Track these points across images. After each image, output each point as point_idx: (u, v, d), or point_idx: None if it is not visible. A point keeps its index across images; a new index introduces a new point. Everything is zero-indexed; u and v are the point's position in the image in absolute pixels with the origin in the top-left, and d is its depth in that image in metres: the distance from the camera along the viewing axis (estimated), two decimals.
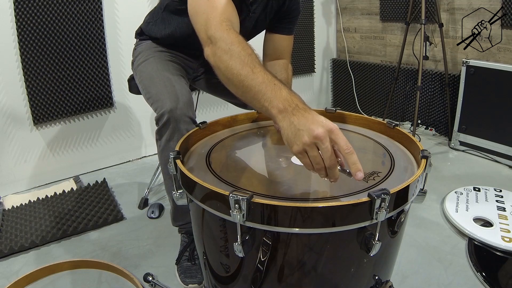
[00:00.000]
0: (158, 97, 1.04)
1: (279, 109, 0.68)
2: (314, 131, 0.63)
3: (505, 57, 2.11)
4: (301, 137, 0.64)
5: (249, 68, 0.73)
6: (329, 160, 0.64)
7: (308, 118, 0.65)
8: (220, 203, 0.64)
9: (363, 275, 0.73)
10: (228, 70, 0.76)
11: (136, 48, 1.33)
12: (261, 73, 0.72)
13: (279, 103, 0.68)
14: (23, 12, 1.67)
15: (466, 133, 2.20)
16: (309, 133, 0.63)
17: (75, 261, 1.29)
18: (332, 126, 0.64)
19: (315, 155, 0.65)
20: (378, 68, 2.75)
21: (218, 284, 0.81)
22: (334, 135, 0.64)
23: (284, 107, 0.68)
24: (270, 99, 0.70)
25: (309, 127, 0.64)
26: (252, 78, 0.72)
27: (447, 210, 1.55)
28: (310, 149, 0.65)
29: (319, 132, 0.63)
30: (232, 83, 0.77)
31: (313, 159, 0.65)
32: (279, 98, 0.69)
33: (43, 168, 1.94)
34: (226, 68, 0.76)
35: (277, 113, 0.69)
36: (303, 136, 0.64)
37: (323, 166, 0.65)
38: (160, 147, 1.05)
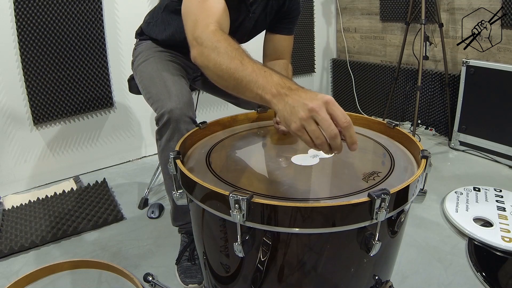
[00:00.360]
0: (158, 97, 1.04)
1: (273, 94, 0.68)
2: (308, 104, 0.62)
3: (505, 57, 2.11)
4: (297, 114, 0.64)
5: (237, 61, 0.74)
6: (329, 130, 0.62)
7: (301, 95, 0.65)
8: (220, 203, 0.64)
9: (363, 275, 0.73)
10: (217, 66, 0.76)
11: (136, 48, 1.33)
12: (250, 64, 0.73)
13: (272, 88, 0.68)
14: (23, 12, 1.67)
15: (466, 133, 2.20)
16: (304, 107, 0.63)
17: (75, 261, 1.29)
18: (328, 98, 0.63)
19: (314, 129, 0.64)
20: (378, 68, 2.75)
21: (218, 284, 0.81)
22: (331, 106, 0.63)
23: (277, 91, 0.68)
24: (262, 86, 0.70)
25: (304, 102, 0.63)
26: (242, 69, 0.72)
27: (447, 210, 1.55)
28: (307, 124, 0.64)
29: (314, 105, 0.62)
30: (222, 79, 0.77)
31: (312, 133, 0.64)
32: (271, 84, 0.69)
33: (43, 168, 1.94)
34: (215, 65, 0.77)
35: (271, 98, 0.68)
36: (299, 112, 0.63)
37: (324, 140, 0.64)
38: (160, 147, 1.05)
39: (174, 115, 0.98)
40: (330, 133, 0.63)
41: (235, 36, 1.19)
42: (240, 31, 1.18)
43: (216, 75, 0.78)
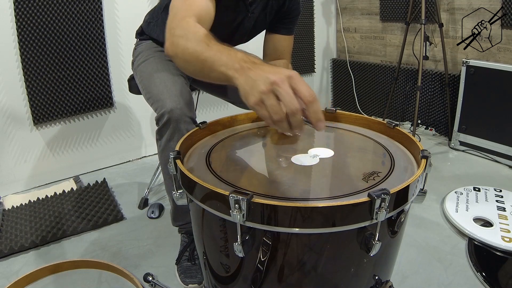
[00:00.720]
0: (158, 97, 1.04)
1: (235, 69, 0.66)
2: (271, 78, 0.60)
3: (505, 57, 2.11)
4: (257, 87, 0.61)
5: (204, 43, 0.73)
6: (290, 104, 0.59)
7: (265, 69, 0.62)
8: (220, 203, 0.64)
9: (363, 275, 0.73)
10: (185, 51, 0.75)
11: (136, 48, 1.33)
12: (216, 45, 0.72)
13: (234, 63, 0.66)
14: (23, 12, 1.67)
15: (466, 133, 2.20)
16: (266, 80, 0.60)
17: (75, 261, 1.29)
18: (292, 72, 0.61)
19: (273, 103, 0.60)
20: (378, 68, 2.75)
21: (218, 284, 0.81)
22: (294, 80, 0.60)
23: (240, 66, 0.65)
24: (226, 63, 0.68)
25: (266, 76, 0.60)
26: (208, 50, 0.71)
27: (447, 210, 1.55)
28: (267, 98, 0.60)
29: (276, 78, 0.59)
30: (189, 63, 0.76)
31: (271, 108, 0.61)
32: (234, 59, 0.67)
33: (43, 168, 1.94)
34: (183, 51, 0.76)
35: (233, 73, 0.66)
36: (259, 85, 0.61)
37: (283, 116, 0.61)
38: (160, 147, 1.05)
39: (174, 115, 0.99)
40: (290, 107, 0.59)
41: (235, 36, 1.20)
42: (240, 31, 1.18)
43: (183, 60, 0.77)
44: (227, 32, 1.17)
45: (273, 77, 0.60)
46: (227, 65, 0.67)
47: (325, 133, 1.05)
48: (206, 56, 0.71)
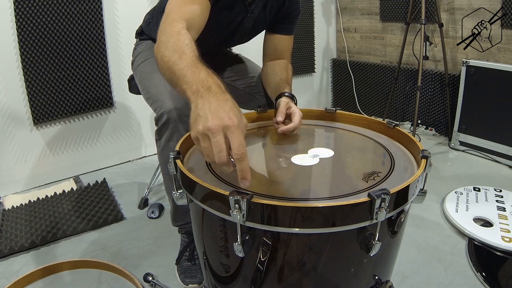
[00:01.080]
0: (157, 97, 1.04)
1: (192, 91, 0.66)
2: (208, 121, 0.60)
3: (505, 57, 2.11)
4: (197, 124, 0.62)
5: (177, 54, 0.74)
6: (217, 156, 0.60)
7: (212, 104, 0.62)
8: (220, 203, 0.64)
9: (363, 275, 0.73)
10: (163, 59, 0.77)
11: (136, 48, 1.33)
12: (187, 59, 0.73)
13: (193, 84, 0.67)
14: (23, 12, 1.67)
15: (466, 133, 2.20)
16: (204, 122, 0.60)
17: (75, 261, 1.29)
18: (230, 122, 0.60)
19: (205, 146, 0.62)
20: (378, 68, 2.75)
21: (218, 284, 0.81)
22: (230, 132, 0.60)
23: (197, 89, 0.66)
24: (188, 81, 0.69)
25: (207, 116, 0.61)
26: (178, 63, 0.72)
27: (447, 210, 1.55)
28: (201, 139, 0.61)
29: (212, 125, 0.59)
30: (164, 72, 0.77)
31: (203, 149, 0.62)
32: (196, 80, 0.68)
33: (43, 168, 1.94)
34: (161, 58, 0.77)
35: (190, 94, 0.67)
36: (199, 123, 0.61)
37: (213, 160, 0.62)
38: (160, 147, 1.05)
39: (173, 115, 0.98)
40: (217, 160, 0.61)
41: (234, 36, 1.20)
42: (239, 31, 1.18)
43: (161, 67, 0.78)
44: (226, 32, 1.17)
45: (210, 122, 0.60)
46: (188, 84, 0.68)
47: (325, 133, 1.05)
48: (175, 69, 0.73)
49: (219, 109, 0.61)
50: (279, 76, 1.17)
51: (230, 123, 0.60)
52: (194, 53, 0.75)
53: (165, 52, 0.77)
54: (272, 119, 1.04)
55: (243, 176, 0.62)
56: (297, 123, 0.97)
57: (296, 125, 0.97)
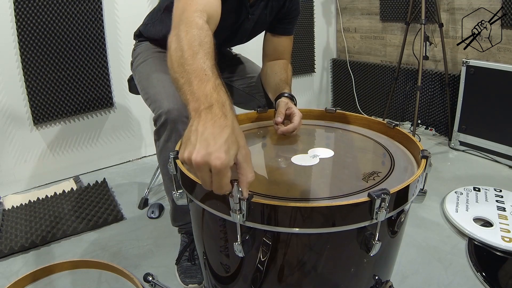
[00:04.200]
0: (156, 98, 1.04)
1: (193, 107, 0.60)
2: (194, 153, 0.54)
3: (505, 57, 2.11)
4: (185, 148, 0.56)
5: (191, 51, 0.67)
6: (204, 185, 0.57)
7: (206, 130, 0.55)
8: (220, 203, 0.64)
9: (363, 275, 0.73)
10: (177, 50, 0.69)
11: (135, 49, 1.33)
12: (200, 61, 0.66)
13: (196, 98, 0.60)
14: (23, 12, 1.67)
15: (466, 133, 2.20)
16: (190, 151, 0.54)
17: (75, 261, 1.29)
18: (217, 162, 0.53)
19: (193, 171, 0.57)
20: (378, 68, 2.75)
21: (218, 284, 0.81)
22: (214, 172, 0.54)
23: (198, 106, 0.59)
24: (192, 91, 0.62)
25: (195, 144, 0.54)
26: (190, 64, 0.66)
27: (447, 210, 1.55)
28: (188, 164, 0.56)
29: (197, 158, 0.53)
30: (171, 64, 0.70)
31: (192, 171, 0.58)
32: (200, 93, 0.61)
33: (43, 168, 1.94)
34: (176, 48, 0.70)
35: (191, 109, 0.60)
36: (186, 149, 0.55)
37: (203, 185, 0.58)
38: (159, 148, 1.05)
39: (171, 115, 0.98)
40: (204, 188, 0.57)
41: (235, 37, 1.20)
42: (240, 33, 1.18)
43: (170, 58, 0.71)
44: (227, 33, 1.17)
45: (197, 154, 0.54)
46: (192, 95, 0.62)
47: (325, 133, 1.05)
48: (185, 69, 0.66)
49: (211, 140, 0.54)
50: (278, 77, 1.17)
51: (217, 163, 0.53)
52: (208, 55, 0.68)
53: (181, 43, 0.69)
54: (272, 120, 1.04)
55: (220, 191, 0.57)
56: (297, 124, 0.97)
57: (295, 126, 0.97)
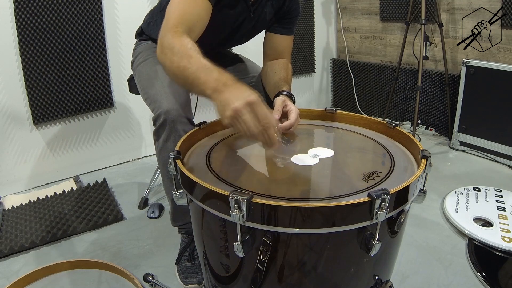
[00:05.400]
0: (155, 98, 1.04)
1: (212, 89, 0.75)
2: (232, 104, 0.70)
3: (505, 57, 2.11)
4: (226, 112, 0.72)
5: (186, 59, 0.80)
6: (248, 132, 0.71)
7: (232, 92, 0.73)
8: (220, 203, 0.64)
9: (363, 275, 0.73)
10: (172, 65, 0.83)
11: (136, 48, 1.33)
12: (196, 62, 0.79)
13: (211, 83, 0.75)
14: (23, 12, 1.67)
15: (466, 133, 2.20)
16: (229, 108, 0.71)
17: (75, 261, 1.29)
18: (252, 98, 0.70)
19: (239, 126, 0.72)
20: (378, 68, 2.75)
21: (218, 284, 0.81)
22: (254, 106, 0.71)
23: (216, 86, 0.75)
24: (204, 82, 0.76)
25: (230, 101, 0.71)
26: (189, 68, 0.79)
27: (447, 210, 1.55)
28: (233, 122, 0.72)
29: (237, 106, 0.70)
30: (176, 77, 0.84)
31: (239, 129, 0.73)
32: (211, 79, 0.76)
33: (43, 168, 1.94)
34: (171, 64, 0.83)
35: (211, 93, 0.75)
36: (226, 111, 0.72)
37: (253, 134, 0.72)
38: (158, 148, 1.05)
39: (170, 115, 0.98)
40: (255, 131, 0.72)
41: (235, 36, 1.20)
42: (240, 31, 1.18)
43: (171, 72, 0.85)
44: (228, 31, 1.17)
45: (234, 104, 0.70)
46: (205, 85, 0.76)
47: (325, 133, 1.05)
48: (187, 73, 0.79)
49: (238, 93, 0.72)
50: (278, 75, 1.17)
51: (252, 99, 0.70)
52: (200, 55, 0.81)
53: (172, 58, 0.82)
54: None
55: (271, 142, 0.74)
56: (293, 120, 0.97)
57: (292, 122, 0.97)
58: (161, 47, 0.86)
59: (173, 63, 0.82)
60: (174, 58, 0.82)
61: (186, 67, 0.79)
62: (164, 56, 0.85)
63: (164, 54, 0.85)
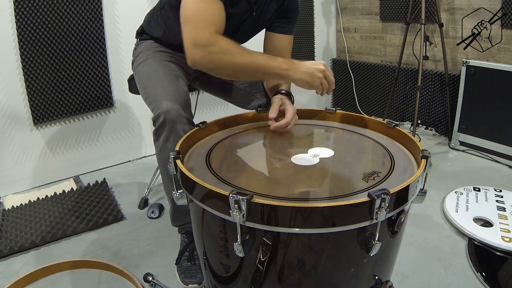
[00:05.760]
0: (155, 98, 1.04)
1: (287, 68, 0.96)
2: (319, 66, 0.97)
3: (505, 57, 2.11)
4: (316, 74, 0.96)
5: (249, 56, 0.94)
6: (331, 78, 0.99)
7: (306, 65, 0.97)
8: (220, 203, 0.64)
9: (363, 275, 0.73)
10: (235, 64, 0.93)
11: (136, 48, 1.33)
12: (258, 56, 0.95)
13: (283, 65, 0.96)
14: (23, 12, 1.67)
15: (466, 133, 2.20)
16: (318, 69, 0.97)
17: (75, 261, 1.29)
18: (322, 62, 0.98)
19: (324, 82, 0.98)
20: (378, 68, 2.75)
21: (218, 284, 0.81)
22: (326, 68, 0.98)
23: (289, 66, 0.96)
24: (277, 66, 0.95)
25: (314, 67, 0.96)
26: (257, 61, 0.94)
27: (447, 210, 1.55)
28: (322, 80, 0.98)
29: (321, 66, 0.97)
30: (242, 73, 0.97)
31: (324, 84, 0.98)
32: (280, 63, 0.96)
33: (43, 168, 1.94)
34: (233, 64, 0.94)
35: (287, 72, 0.96)
36: (316, 73, 0.96)
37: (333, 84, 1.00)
38: (158, 148, 1.05)
39: (170, 115, 0.98)
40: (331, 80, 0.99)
41: (236, 34, 1.20)
42: (241, 30, 1.18)
43: (234, 71, 0.95)
44: (229, 30, 1.17)
45: (319, 66, 0.97)
46: (279, 68, 0.95)
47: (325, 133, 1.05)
48: (258, 65, 0.94)
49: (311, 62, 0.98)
50: None
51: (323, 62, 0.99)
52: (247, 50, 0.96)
53: (233, 59, 0.93)
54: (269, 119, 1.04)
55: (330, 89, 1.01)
56: (289, 119, 0.98)
57: (288, 121, 0.98)
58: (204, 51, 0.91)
59: (235, 63, 0.93)
60: (234, 59, 0.92)
61: (254, 62, 0.93)
62: (220, 60, 0.93)
63: (219, 58, 0.92)
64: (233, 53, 0.93)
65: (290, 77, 0.96)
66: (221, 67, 0.94)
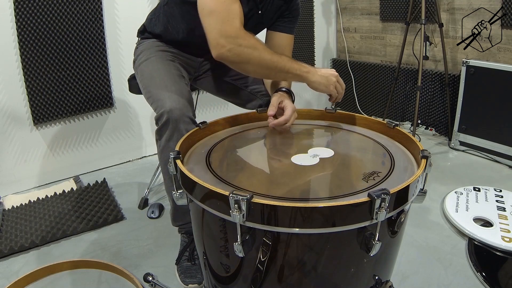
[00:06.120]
0: (158, 97, 1.04)
1: (307, 71, 1.02)
2: (334, 74, 1.04)
3: (505, 57, 2.11)
4: (331, 79, 1.03)
5: (275, 55, 0.98)
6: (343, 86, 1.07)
7: (321, 70, 1.04)
8: (220, 203, 0.64)
9: (363, 275, 0.73)
10: (262, 60, 0.97)
11: (138, 47, 1.32)
12: (282, 56, 1.01)
13: (305, 68, 1.02)
14: (23, 12, 1.67)
15: (466, 133, 2.20)
16: (333, 74, 1.04)
17: (75, 261, 1.29)
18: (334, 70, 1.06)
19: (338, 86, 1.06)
20: (378, 68, 2.75)
21: (218, 284, 0.81)
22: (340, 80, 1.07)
23: (309, 69, 1.02)
24: (298, 68, 1.01)
25: (330, 73, 1.04)
26: (281, 61, 0.99)
27: (447, 210, 1.55)
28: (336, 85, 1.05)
29: (335, 74, 1.05)
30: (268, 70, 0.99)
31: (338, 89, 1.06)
32: (302, 66, 1.02)
33: (43, 168, 1.94)
34: (261, 60, 0.97)
35: (307, 75, 1.01)
36: (332, 78, 1.03)
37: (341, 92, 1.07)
38: (160, 147, 1.05)
39: (173, 115, 0.98)
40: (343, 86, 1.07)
41: None
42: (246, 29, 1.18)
43: (260, 67, 0.98)
44: None
45: (333, 72, 1.04)
46: (300, 70, 1.01)
47: (325, 133, 1.05)
48: (282, 65, 0.99)
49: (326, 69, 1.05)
50: None
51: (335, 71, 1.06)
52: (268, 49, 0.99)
53: (262, 55, 0.96)
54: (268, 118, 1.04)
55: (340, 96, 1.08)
56: (288, 116, 0.98)
57: (287, 118, 0.98)
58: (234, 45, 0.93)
59: (263, 59, 0.96)
60: (263, 55, 0.96)
61: (280, 61, 0.98)
62: (247, 55, 0.94)
63: (247, 53, 0.94)
64: (261, 50, 0.96)
65: (309, 79, 1.01)
66: (248, 61, 0.95)
